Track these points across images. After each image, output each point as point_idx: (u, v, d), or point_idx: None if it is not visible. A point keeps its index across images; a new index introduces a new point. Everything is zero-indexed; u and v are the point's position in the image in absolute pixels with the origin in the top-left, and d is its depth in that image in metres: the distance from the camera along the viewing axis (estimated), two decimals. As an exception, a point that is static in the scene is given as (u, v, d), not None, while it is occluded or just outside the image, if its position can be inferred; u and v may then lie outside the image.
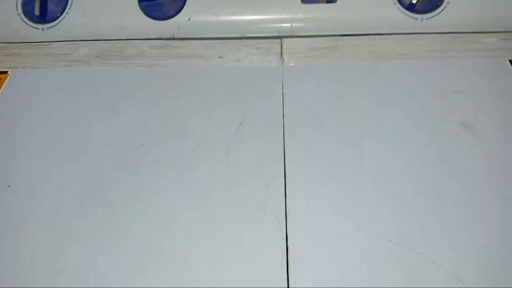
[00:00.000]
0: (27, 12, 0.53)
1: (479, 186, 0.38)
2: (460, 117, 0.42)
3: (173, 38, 0.53)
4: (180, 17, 0.52)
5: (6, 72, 0.50)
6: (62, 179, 0.41)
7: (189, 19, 0.52)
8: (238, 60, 0.50)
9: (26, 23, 0.53)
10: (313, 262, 0.34)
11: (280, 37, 0.52)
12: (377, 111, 0.43)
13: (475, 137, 0.41)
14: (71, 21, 0.53)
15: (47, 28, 0.53)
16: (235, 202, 0.37)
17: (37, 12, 0.52)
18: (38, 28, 0.53)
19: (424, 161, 0.39)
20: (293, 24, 0.52)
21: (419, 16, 0.51)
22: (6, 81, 0.49)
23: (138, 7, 0.53)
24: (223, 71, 0.49)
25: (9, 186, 0.40)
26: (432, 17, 0.51)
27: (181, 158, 0.41)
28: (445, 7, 0.51)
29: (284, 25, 0.52)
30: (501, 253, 0.34)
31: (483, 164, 0.39)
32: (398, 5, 0.51)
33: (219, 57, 0.50)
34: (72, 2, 0.54)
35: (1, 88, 0.48)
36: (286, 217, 0.36)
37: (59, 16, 0.53)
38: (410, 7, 0.51)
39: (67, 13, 0.53)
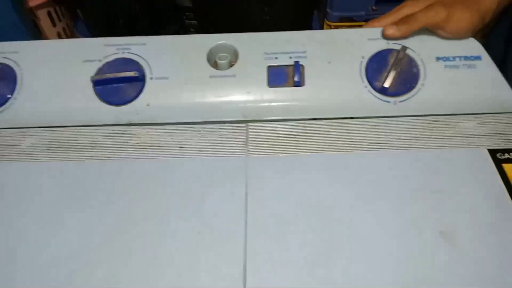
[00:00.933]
0: (-31, 98, 0.49)
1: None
2: (437, 225, 0.39)
3: (130, 124, 0.49)
4: (138, 102, 0.49)
5: None
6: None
7: (148, 105, 0.49)
8: (200, 151, 0.46)
9: (-32, 110, 0.49)
10: None
11: (246, 121, 0.49)
12: (347, 218, 0.39)
13: (455, 249, 0.37)
14: (19, 106, 0.49)
15: (-8, 115, 0.49)
16: None
17: (-20, 100, 0.48)
18: (-18, 115, 0.49)
19: (398, 279, 0.36)
20: (259, 108, 0.49)
21: (391, 99, 0.48)
22: None
23: (93, 92, 0.49)
24: (183, 164, 0.45)
25: None
26: (405, 100, 0.48)
27: (128, 279, 0.37)
28: (420, 89, 0.49)
29: (250, 108, 0.49)
30: None
31: (464, 281, 0.36)
32: (369, 88, 0.48)
33: (180, 147, 0.46)
34: (21, 85, 0.50)
35: None
36: None
37: (6, 101, 0.49)
38: (382, 91, 0.48)
39: (15, 98, 0.49)
